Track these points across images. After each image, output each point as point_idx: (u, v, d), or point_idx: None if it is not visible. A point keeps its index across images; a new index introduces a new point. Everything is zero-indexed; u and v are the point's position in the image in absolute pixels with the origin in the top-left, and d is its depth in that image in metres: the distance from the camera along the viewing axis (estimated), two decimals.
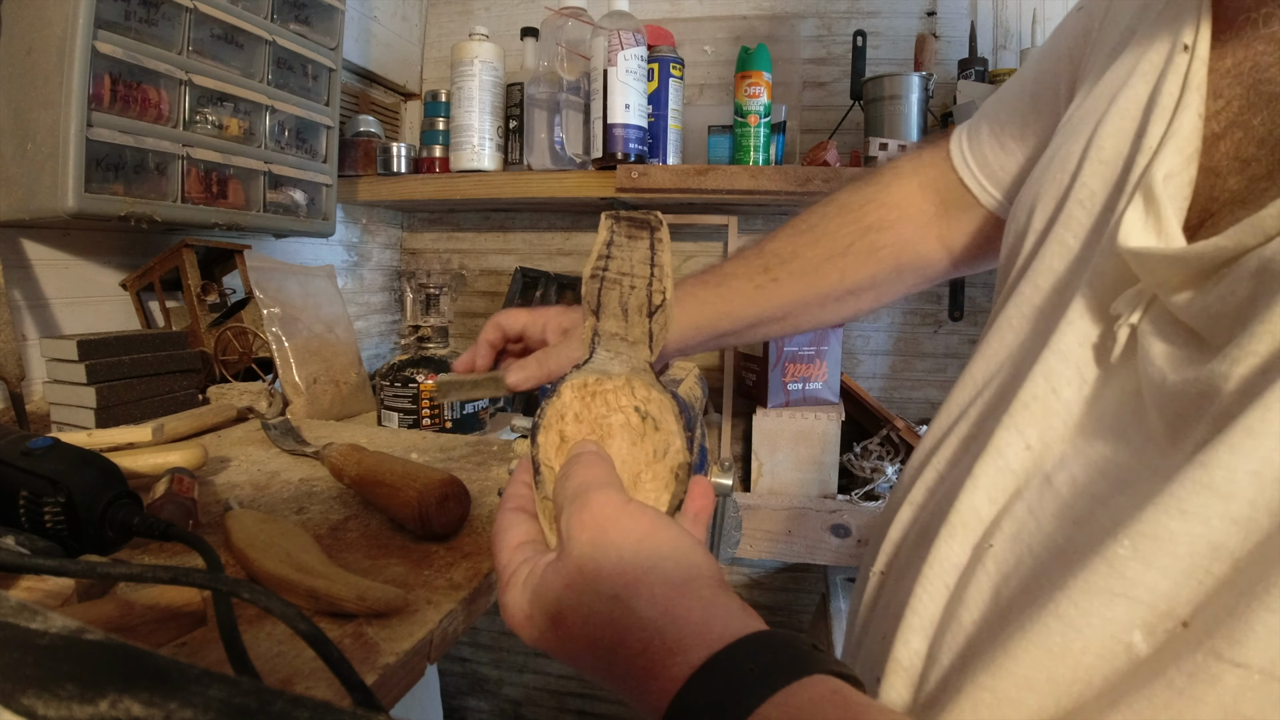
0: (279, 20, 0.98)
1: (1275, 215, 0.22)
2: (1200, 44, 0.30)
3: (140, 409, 0.80)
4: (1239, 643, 0.20)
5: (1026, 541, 0.29)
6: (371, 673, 0.35)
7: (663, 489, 0.32)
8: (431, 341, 0.96)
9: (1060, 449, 0.30)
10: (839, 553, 1.16)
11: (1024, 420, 0.31)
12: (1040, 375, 0.31)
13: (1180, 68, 0.31)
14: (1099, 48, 0.40)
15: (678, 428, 0.32)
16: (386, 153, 1.30)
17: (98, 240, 0.94)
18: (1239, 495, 0.21)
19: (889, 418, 1.25)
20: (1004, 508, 0.30)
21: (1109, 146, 0.33)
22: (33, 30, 0.75)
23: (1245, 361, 0.22)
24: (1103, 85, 0.36)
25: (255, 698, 0.13)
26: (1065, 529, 0.27)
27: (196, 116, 0.88)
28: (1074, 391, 0.30)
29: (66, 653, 0.15)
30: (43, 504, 0.40)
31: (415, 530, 0.52)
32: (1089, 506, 0.27)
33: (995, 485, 0.31)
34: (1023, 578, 0.28)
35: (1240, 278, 0.24)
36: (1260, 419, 0.21)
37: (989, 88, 1.26)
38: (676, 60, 1.16)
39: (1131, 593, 0.23)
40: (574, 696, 1.60)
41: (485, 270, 1.56)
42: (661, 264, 0.36)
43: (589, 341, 0.36)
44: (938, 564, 0.31)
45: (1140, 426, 0.27)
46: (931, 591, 0.31)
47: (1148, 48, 0.33)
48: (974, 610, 0.29)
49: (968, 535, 0.31)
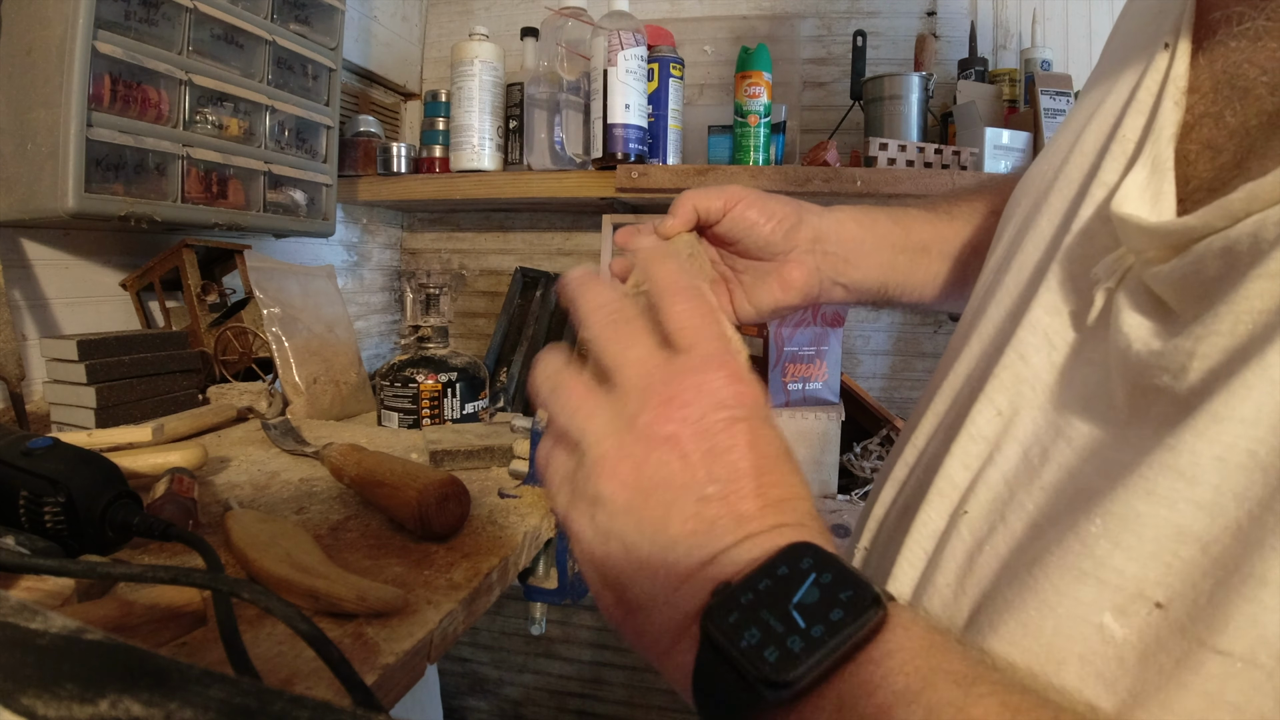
0: (279, 20, 0.98)
1: (1242, 199, 0.23)
2: (1181, 42, 0.32)
3: (140, 409, 0.80)
4: (1220, 630, 0.20)
5: (1000, 510, 0.29)
6: (371, 673, 0.35)
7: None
8: (431, 341, 0.96)
9: (1031, 415, 0.30)
10: (839, 553, 1.16)
11: (994, 389, 0.32)
12: (1012, 348, 0.32)
13: (1160, 64, 0.32)
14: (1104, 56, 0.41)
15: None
16: (386, 153, 1.30)
17: (98, 240, 0.94)
18: (1204, 480, 0.22)
19: (889, 418, 1.25)
20: (977, 474, 0.31)
21: (1090, 140, 0.34)
22: (33, 30, 0.75)
23: (1209, 340, 0.23)
24: (1095, 85, 0.37)
25: (255, 698, 0.13)
26: (1037, 499, 0.28)
27: (196, 116, 0.88)
28: (1043, 358, 0.31)
29: (66, 653, 0.15)
30: (43, 504, 0.40)
31: (415, 530, 0.52)
32: (1060, 479, 0.27)
33: (968, 453, 0.32)
34: (997, 547, 0.28)
35: (1206, 256, 0.24)
36: (1225, 404, 0.21)
37: (989, 88, 1.26)
38: (676, 60, 1.16)
39: (1099, 573, 0.23)
40: (574, 697, 1.60)
41: (485, 270, 1.56)
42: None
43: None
44: (917, 532, 0.32)
45: (1105, 396, 0.28)
46: (911, 559, 0.32)
47: (1136, 48, 0.34)
48: (948, 574, 0.30)
49: (943, 503, 0.32)
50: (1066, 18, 1.35)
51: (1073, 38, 1.35)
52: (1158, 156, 0.30)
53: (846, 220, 0.51)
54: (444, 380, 0.91)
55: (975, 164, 1.13)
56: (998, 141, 1.13)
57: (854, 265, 0.51)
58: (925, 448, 0.37)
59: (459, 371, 0.92)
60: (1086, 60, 1.34)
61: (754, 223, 0.48)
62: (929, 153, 1.13)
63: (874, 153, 1.13)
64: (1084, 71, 1.33)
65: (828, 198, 1.20)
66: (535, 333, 1.37)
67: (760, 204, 0.48)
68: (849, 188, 1.12)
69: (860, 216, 0.51)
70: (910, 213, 0.53)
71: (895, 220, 0.52)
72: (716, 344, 0.28)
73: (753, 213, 0.48)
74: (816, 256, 0.50)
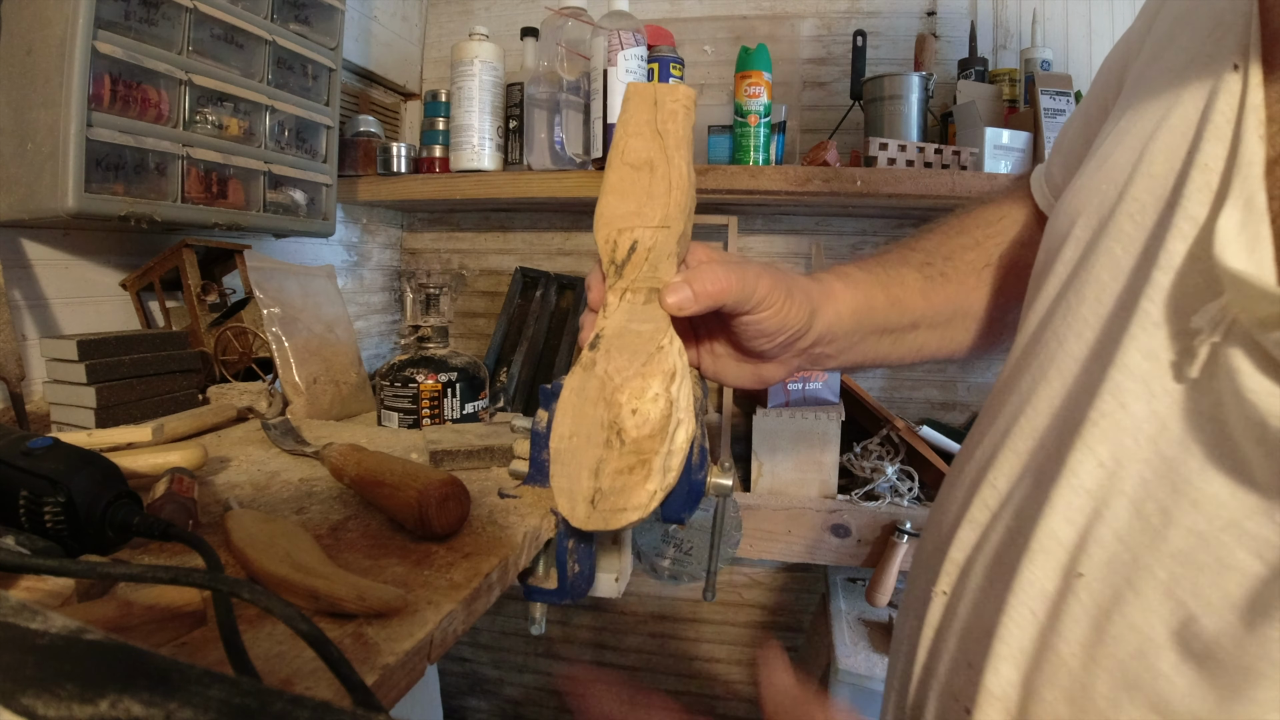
0: (279, 20, 0.98)
1: None
2: (1252, 65, 0.30)
3: (140, 409, 0.80)
4: None
5: (1125, 575, 0.28)
6: (371, 673, 0.35)
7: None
8: (431, 341, 0.96)
9: (1137, 468, 0.29)
10: (839, 553, 1.16)
11: (1094, 438, 0.31)
12: (1108, 392, 0.31)
13: (1233, 88, 0.30)
14: (1142, 57, 0.39)
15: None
16: (386, 153, 1.30)
17: (98, 240, 0.94)
18: None
19: (889, 418, 1.25)
20: (1085, 530, 0.30)
21: (1160, 162, 0.32)
22: (33, 30, 0.75)
23: None
24: (1152, 98, 0.35)
25: (255, 698, 0.13)
26: (1171, 569, 0.27)
27: (196, 116, 0.88)
28: (1144, 407, 0.30)
29: (66, 653, 0.15)
30: (43, 504, 0.40)
31: (415, 530, 0.52)
32: (1192, 546, 0.26)
33: (1071, 506, 0.31)
34: (1133, 620, 0.27)
35: None
36: None
37: (989, 88, 1.26)
38: (676, 60, 1.16)
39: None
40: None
41: (485, 270, 1.56)
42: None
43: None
44: (1023, 591, 0.31)
45: (1229, 458, 0.26)
46: (1018, 619, 0.31)
47: (1195, 63, 0.33)
48: (1072, 643, 0.29)
49: (1050, 561, 0.31)
50: (1066, 18, 1.35)
51: (1073, 38, 1.35)
52: (1250, 197, 0.28)
53: (845, 313, 0.47)
54: (444, 380, 0.91)
55: (975, 164, 1.13)
56: (998, 141, 1.13)
57: (838, 358, 0.49)
58: (1010, 492, 0.35)
59: (459, 371, 0.92)
60: (1086, 60, 1.34)
61: (766, 334, 0.44)
62: (929, 153, 1.13)
63: (874, 153, 1.13)
64: (1084, 71, 1.33)
65: (828, 198, 1.20)
66: (535, 333, 1.37)
67: (783, 312, 0.43)
68: (849, 187, 1.12)
69: (858, 303, 0.48)
70: (906, 279, 0.50)
71: (890, 296, 0.49)
72: None
73: (774, 323, 0.43)
74: (804, 359, 0.48)
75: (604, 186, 0.44)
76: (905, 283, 0.50)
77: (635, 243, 0.41)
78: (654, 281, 0.41)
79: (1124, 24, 1.33)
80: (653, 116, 0.44)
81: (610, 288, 0.42)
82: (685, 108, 0.44)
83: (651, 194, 0.42)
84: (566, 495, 0.36)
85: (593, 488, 0.35)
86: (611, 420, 0.34)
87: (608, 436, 0.34)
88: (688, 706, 0.25)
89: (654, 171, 0.42)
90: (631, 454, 0.34)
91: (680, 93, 0.45)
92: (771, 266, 0.45)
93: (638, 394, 0.35)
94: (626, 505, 0.35)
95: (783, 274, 0.45)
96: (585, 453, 0.35)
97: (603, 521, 0.36)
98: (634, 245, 0.41)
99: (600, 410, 0.34)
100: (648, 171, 0.43)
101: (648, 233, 0.41)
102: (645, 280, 0.41)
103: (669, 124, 0.43)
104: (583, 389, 0.36)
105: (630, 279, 0.41)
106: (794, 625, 1.49)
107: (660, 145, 0.43)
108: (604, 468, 0.34)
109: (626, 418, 0.34)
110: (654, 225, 0.41)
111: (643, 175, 0.43)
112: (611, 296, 0.42)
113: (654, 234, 0.41)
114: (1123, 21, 1.34)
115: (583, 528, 0.37)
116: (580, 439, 0.35)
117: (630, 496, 0.35)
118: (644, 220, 0.42)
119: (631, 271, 0.41)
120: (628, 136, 0.44)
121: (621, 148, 0.44)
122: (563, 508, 0.36)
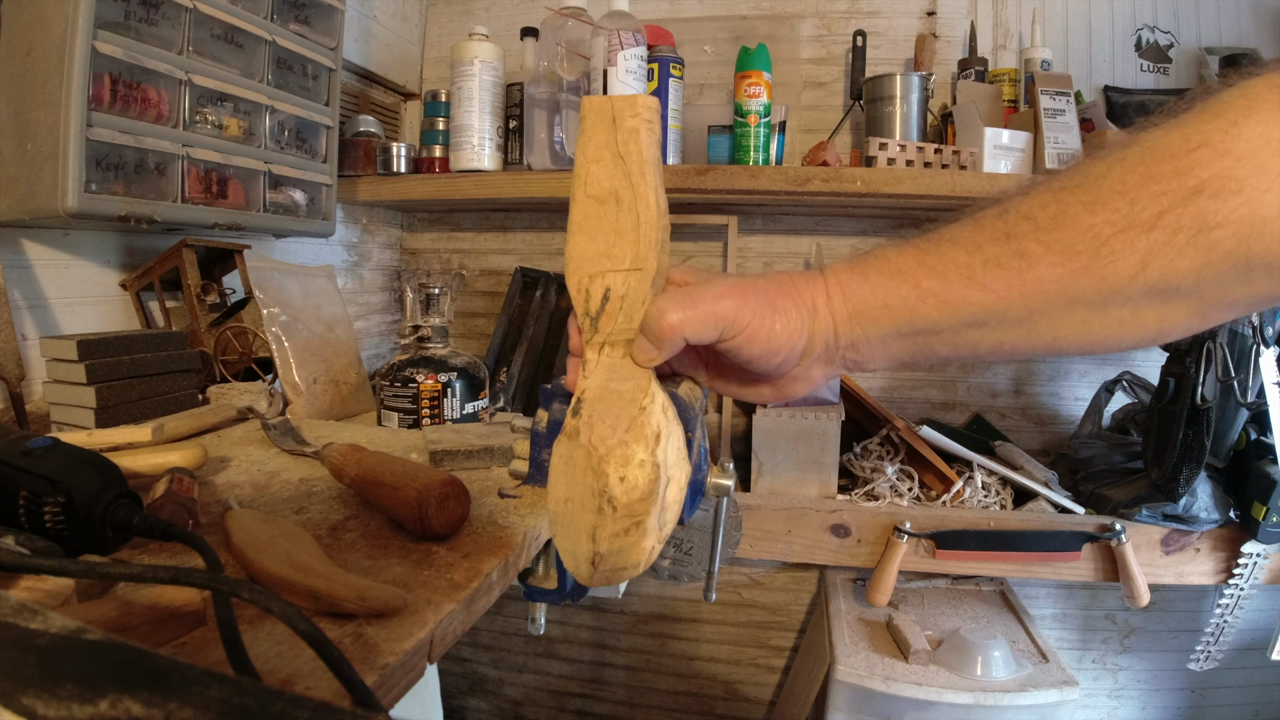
0: (279, 20, 0.98)
1: None
2: None
3: (140, 409, 0.80)
4: None
5: None
6: (371, 673, 0.35)
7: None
8: (431, 341, 0.96)
9: None
10: (838, 553, 1.16)
11: None
12: None
13: None
14: None
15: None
16: (386, 153, 1.30)
17: (98, 240, 0.94)
18: None
19: (889, 418, 1.25)
20: None
21: None
22: (33, 30, 0.75)
23: None
24: None
25: (255, 698, 0.13)
26: None
27: (196, 116, 0.88)
28: None
29: (66, 653, 0.15)
30: (43, 504, 0.40)
31: (415, 530, 0.52)
32: None
33: None
34: None
35: None
36: None
37: (989, 88, 1.26)
38: (676, 60, 1.16)
39: None
40: (574, 697, 1.60)
41: (485, 270, 1.56)
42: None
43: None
44: None
45: None
46: None
47: None
48: None
49: None
50: (1066, 18, 1.35)
51: (1073, 38, 1.35)
52: None
53: (868, 312, 0.40)
54: (444, 380, 0.91)
55: (975, 164, 1.13)
56: (998, 141, 1.13)
57: (873, 362, 0.42)
58: None
59: (459, 371, 0.92)
60: (1086, 60, 1.34)
61: (755, 358, 0.40)
62: (929, 153, 1.13)
63: (874, 153, 1.14)
64: (1084, 71, 1.33)
65: (827, 198, 1.20)
66: (535, 333, 1.37)
67: (763, 332, 0.38)
68: (849, 187, 1.13)
69: (881, 300, 0.39)
70: (948, 263, 0.38)
71: (921, 291, 0.38)
72: None
73: (757, 347, 0.39)
74: (834, 367, 0.42)
75: (570, 224, 0.40)
76: (950, 268, 0.37)
77: (608, 291, 0.39)
78: (630, 333, 0.39)
79: (1124, 24, 1.34)
80: (612, 137, 0.40)
81: (588, 343, 0.40)
82: (647, 123, 0.40)
83: (619, 231, 0.39)
84: (570, 556, 0.36)
85: (592, 551, 0.35)
86: (601, 489, 0.34)
87: (599, 504, 0.34)
88: (688, 708, 0.25)
89: (620, 204, 0.39)
90: (625, 518, 0.34)
91: (640, 105, 0.40)
92: (744, 279, 0.41)
93: (623, 462, 0.34)
94: (626, 564, 0.36)
95: (760, 286, 0.40)
96: (580, 518, 0.35)
97: (605, 580, 0.36)
98: (606, 294, 0.39)
99: (589, 479, 0.34)
100: (613, 204, 0.39)
101: (619, 277, 0.39)
102: (622, 332, 0.39)
103: (630, 145, 0.39)
104: (570, 458, 0.35)
105: (606, 332, 0.39)
106: (794, 625, 1.49)
107: (624, 171, 0.39)
108: (600, 532, 0.34)
109: (615, 485, 0.34)
110: (625, 269, 0.39)
111: (608, 209, 0.39)
112: (590, 352, 0.40)
113: (625, 279, 0.39)
114: (1123, 21, 1.34)
115: (588, 585, 0.38)
116: (575, 504, 0.35)
117: (628, 556, 0.35)
118: (614, 263, 0.39)
119: (607, 324, 0.39)
120: (588, 163, 0.40)
121: (583, 177, 0.40)
122: (568, 566, 0.37)
